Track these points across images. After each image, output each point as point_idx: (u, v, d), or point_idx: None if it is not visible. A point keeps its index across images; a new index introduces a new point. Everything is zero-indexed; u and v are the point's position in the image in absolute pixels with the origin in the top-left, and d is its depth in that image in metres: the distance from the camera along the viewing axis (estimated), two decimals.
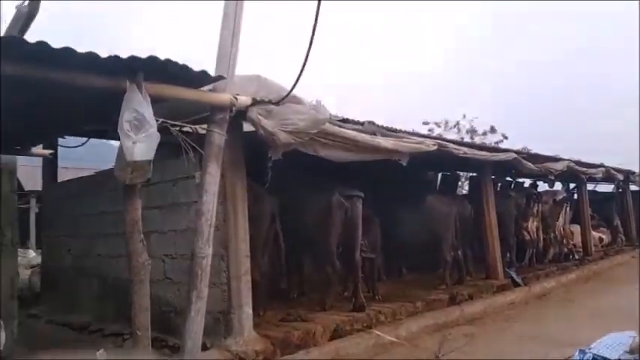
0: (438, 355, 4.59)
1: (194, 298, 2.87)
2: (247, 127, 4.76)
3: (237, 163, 4.88)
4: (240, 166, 4.90)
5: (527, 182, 15.21)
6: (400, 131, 6.18)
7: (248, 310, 4.77)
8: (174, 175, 5.39)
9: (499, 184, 14.21)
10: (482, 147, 7.99)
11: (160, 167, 5.51)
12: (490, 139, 21.47)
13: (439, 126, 22.25)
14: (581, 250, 11.87)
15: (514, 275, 8.55)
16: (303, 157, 5.10)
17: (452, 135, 21.94)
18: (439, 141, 6.62)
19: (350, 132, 5.28)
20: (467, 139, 22.27)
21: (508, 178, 14.33)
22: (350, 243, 6.05)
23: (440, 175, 13.60)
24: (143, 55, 3.27)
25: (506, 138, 21.15)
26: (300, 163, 5.99)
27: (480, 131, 22.42)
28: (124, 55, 3.20)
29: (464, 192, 15.11)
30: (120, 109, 3.22)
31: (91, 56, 3.02)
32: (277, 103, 4.48)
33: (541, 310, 6.64)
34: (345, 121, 5.41)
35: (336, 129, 5.10)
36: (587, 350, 3.73)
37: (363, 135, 5.43)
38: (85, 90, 3.31)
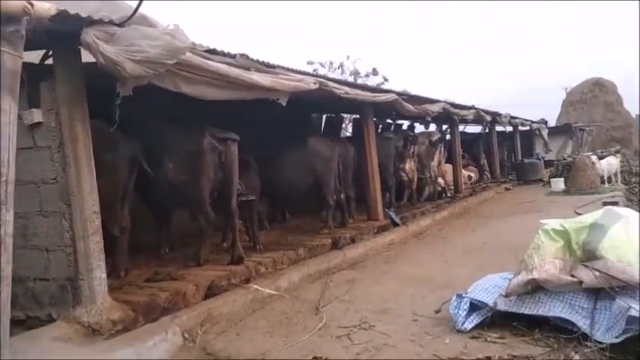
0: (318, 307, 4.33)
1: None
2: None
3: (77, 100, 3.99)
4: (81, 103, 4.01)
5: (406, 124, 15.73)
6: (278, 67, 5.59)
7: (100, 273, 4.06)
8: None
9: (380, 126, 14.49)
10: (364, 87, 7.74)
11: None
12: (373, 81, 21.74)
13: (324, 66, 22.00)
14: (452, 187, 12.56)
15: (393, 216, 8.68)
16: (169, 94, 4.35)
17: (336, 76, 21.85)
18: (320, 79, 6.17)
19: (219, 65, 4.57)
20: (350, 80, 22.37)
21: (388, 120, 14.65)
22: (225, 190, 5.48)
23: (324, 117, 13.43)
24: None
25: (387, 80, 21.53)
26: (165, 101, 5.20)
27: (363, 73, 22.60)
28: None
29: (348, 134, 15.19)
30: None
31: None
32: (121, 24, 3.62)
33: (418, 250, 6.76)
34: (212, 52, 4.67)
35: (202, 61, 4.35)
36: (464, 295, 3.67)
37: (235, 70, 4.74)
38: None
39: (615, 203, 9.32)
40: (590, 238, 3.39)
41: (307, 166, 7.49)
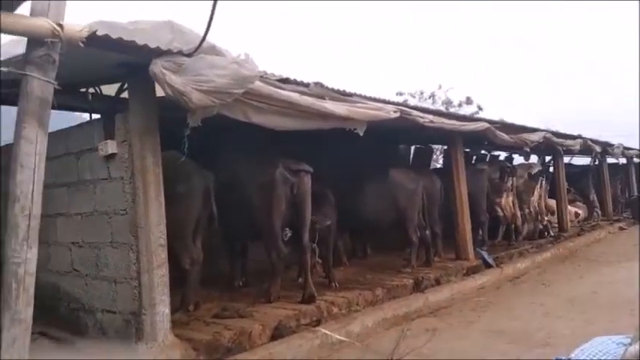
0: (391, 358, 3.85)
1: (7, 323, 1.99)
2: None
3: (149, 131, 3.98)
4: (152, 134, 3.99)
5: (503, 155, 14.67)
6: (355, 95, 5.32)
7: (163, 309, 3.94)
8: (79, 146, 4.46)
9: (474, 157, 13.64)
10: (451, 115, 7.21)
11: (63, 136, 4.64)
12: (466, 111, 20.79)
13: (414, 97, 21.49)
14: (557, 226, 11.35)
15: (485, 255, 7.90)
16: (241, 124, 4.25)
17: (427, 106, 21.24)
18: (401, 107, 5.79)
19: (291, 94, 4.40)
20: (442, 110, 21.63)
21: (483, 152, 13.75)
22: (298, 224, 5.23)
23: (413, 148, 12.92)
24: None
25: (481, 109, 20.51)
26: (239, 131, 5.14)
27: (456, 102, 21.74)
28: None
29: (439, 166, 14.48)
30: None
31: None
32: (189, 55, 3.56)
33: (513, 297, 5.97)
34: (284, 81, 4.52)
35: (272, 90, 4.21)
36: (564, 359, 3.00)
37: (308, 99, 4.55)
38: None
39: None
40: None
41: (389, 199, 7.06)
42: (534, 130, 9.15)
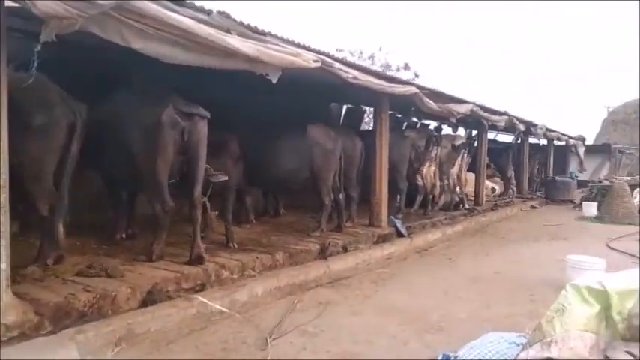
0: (268, 339, 3.40)
1: None
2: None
3: None
4: None
5: (433, 126, 14.56)
6: (268, 35, 4.63)
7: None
8: None
9: (405, 124, 13.40)
10: (379, 74, 6.71)
11: None
12: (403, 77, 20.52)
13: (353, 55, 20.88)
14: (472, 199, 11.45)
15: (398, 224, 7.67)
16: (141, 57, 3.50)
17: None
18: (323, 57, 5.18)
19: (185, 20, 3.66)
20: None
21: (414, 119, 13.53)
22: (188, 176, 4.58)
23: (345, 108, 12.44)
24: None
25: (417, 76, 20.29)
26: (135, 65, 4.33)
27: (394, 67, 21.40)
28: None
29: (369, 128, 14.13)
30: None
31: None
32: None
33: (417, 270, 5.75)
34: (180, 3, 3.75)
35: (160, 11, 3.45)
36: (452, 357, 2.69)
37: (207, 29, 3.82)
38: None
39: None
40: None
41: (303, 157, 6.55)
42: (463, 102, 8.90)
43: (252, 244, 5.83)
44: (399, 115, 12.89)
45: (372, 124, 14.67)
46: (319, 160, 6.61)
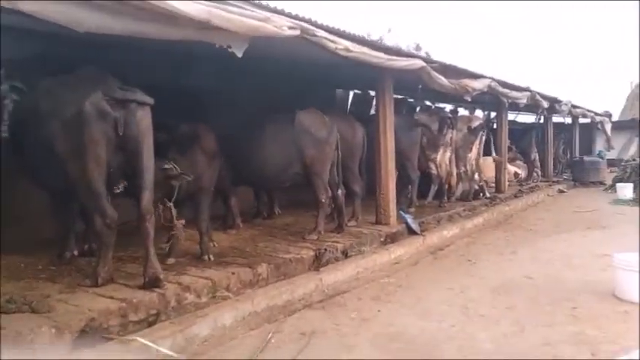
0: None
1: None
2: None
3: None
4: None
5: (448, 108, 13.43)
6: None
7: None
8: None
9: (417, 108, 12.33)
10: (376, 46, 5.70)
11: None
12: None
13: None
14: (494, 185, 10.38)
15: (409, 220, 6.70)
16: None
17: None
18: (301, 23, 4.20)
19: None
20: None
21: (428, 103, 12.44)
22: (133, 179, 3.66)
23: (351, 94, 11.44)
24: None
25: (429, 56, 19.04)
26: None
27: (405, 49, 20.18)
28: None
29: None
30: None
31: None
32: None
33: (430, 278, 4.78)
34: None
35: None
36: None
37: None
38: None
39: None
40: None
41: (293, 147, 5.61)
42: (479, 77, 7.83)
43: (233, 254, 4.94)
44: (411, 100, 11.86)
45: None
46: (311, 151, 5.66)
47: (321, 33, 4.44)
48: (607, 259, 5.23)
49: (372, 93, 11.98)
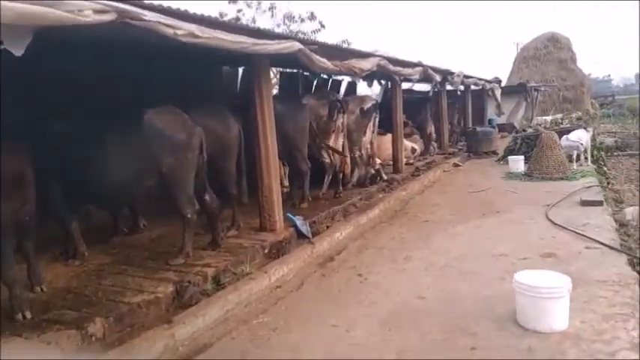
0: None
1: None
2: None
3: None
4: None
5: (346, 81, 12.74)
6: None
7: None
8: None
9: (314, 82, 11.49)
10: (236, 28, 4.62)
11: None
12: (307, 27, 18.44)
13: (250, 7, 18.35)
14: (391, 163, 9.95)
15: (299, 224, 5.95)
16: None
17: (265, 20, 18.39)
18: (120, 5, 3.10)
19: None
20: (282, 26, 18.91)
21: (324, 76, 11.60)
22: None
23: (240, 70, 10.19)
24: None
25: (323, 27, 18.24)
26: None
27: (298, 17, 19.14)
28: None
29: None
30: None
31: None
32: None
33: (311, 311, 4.03)
34: None
35: None
36: None
37: None
38: None
39: (599, 203, 7.01)
40: None
41: (143, 156, 4.52)
42: (367, 56, 7.12)
43: (62, 304, 3.85)
44: (307, 74, 10.96)
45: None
46: (168, 158, 4.61)
47: (151, 16, 3.36)
48: (504, 261, 4.90)
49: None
